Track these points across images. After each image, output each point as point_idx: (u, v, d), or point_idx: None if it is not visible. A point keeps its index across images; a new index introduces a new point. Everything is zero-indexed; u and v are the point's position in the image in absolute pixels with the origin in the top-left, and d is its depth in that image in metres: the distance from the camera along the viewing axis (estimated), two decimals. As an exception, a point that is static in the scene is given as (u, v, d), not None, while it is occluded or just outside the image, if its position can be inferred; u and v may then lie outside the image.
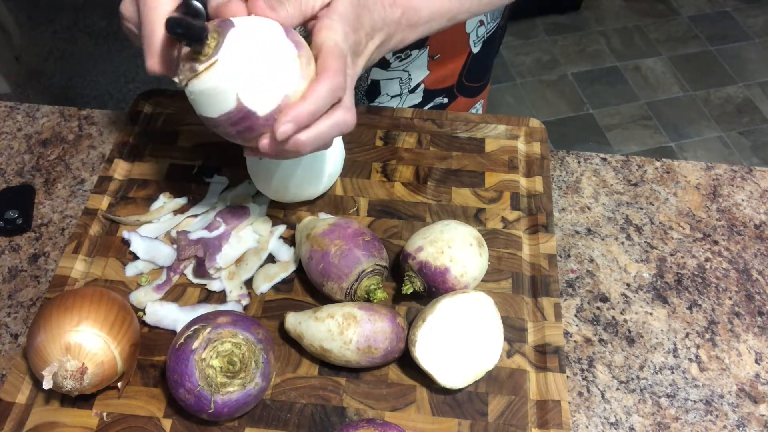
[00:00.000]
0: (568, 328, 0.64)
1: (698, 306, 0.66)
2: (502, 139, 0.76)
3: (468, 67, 0.85)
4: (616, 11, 2.54)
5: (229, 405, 0.51)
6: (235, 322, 0.53)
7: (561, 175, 0.76)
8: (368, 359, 0.55)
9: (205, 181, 0.71)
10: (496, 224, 0.68)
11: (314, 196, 0.68)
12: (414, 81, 0.82)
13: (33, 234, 0.70)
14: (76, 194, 0.74)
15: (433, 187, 0.71)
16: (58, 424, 0.55)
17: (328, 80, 0.48)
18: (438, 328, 0.55)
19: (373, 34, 0.54)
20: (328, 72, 0.49)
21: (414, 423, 0.55)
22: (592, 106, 2.22)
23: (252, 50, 0.48)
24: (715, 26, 2.47)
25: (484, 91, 0.94)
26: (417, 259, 0.59)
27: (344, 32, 0.50)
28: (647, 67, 2.33)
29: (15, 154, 0.77)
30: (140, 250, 0.65)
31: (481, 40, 0.83)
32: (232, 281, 0.63)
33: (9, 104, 0.83)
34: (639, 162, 0.78)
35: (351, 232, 0.60)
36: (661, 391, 0.60)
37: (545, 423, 0.55)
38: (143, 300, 0.62)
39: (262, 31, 0.49)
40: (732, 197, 0.75)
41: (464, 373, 0.55)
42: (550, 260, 0.65)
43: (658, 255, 0.70)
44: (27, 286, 0.66)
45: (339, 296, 0.59)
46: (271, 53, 0.48)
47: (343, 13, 0.50)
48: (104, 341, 0.52)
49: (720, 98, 2.24)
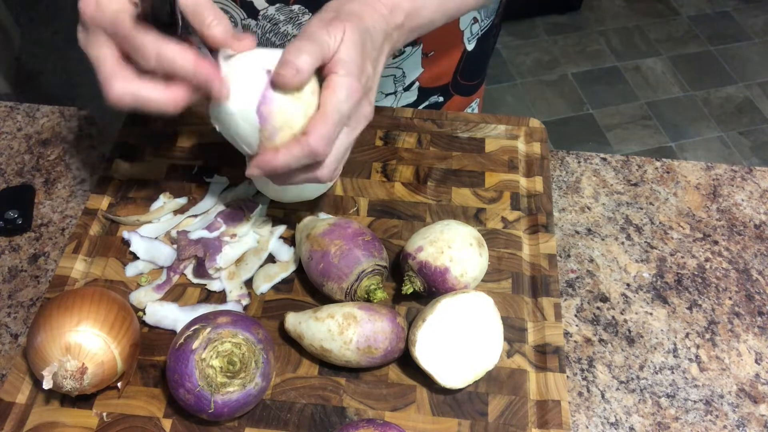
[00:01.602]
0: (568, 328, 0.64)
1: (698, 306, 0.66)
2: (502, 139, 0.76)
3: (463, 64, 0.85)
4: (616, 11, 2.54)
5: (229, 405, 0.51)
6: (235, 322, 0.53)
7: (561, 175, 0.76)
8: (368, 359, 0.55)
9: (205, 181, 0.71)
10: (496, 224, 0.68)
11: (314, 196, 0.68)
12: (408, 78, 0.82)
13: (33, 234, 0.70)
14: (76, 194, 0.74)
15: (433, 187, 0.71)
16: (58, 424, 0.55)
17: (304, 145, 0.50)
18: (438, 328, 0.55)
19: (379, 57, 0.55)
20: (310, 136, 0.50)
21: (414, 423, 0.55)
22: (592, 106, 2.22)
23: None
24: (715, 26, 2.47)
25: (479, 89, 0.94)
26: (417, 259, 0.59)
27: (348, 88, 0.50)
28: (647, 67, 2.33)
29: (15, 154, 0.77)
30: (140, 250, 0.65)
31: (476, 37, 0.83)
32: (232, 281, 0.63)
33: (9, 104, 0.83)
34: (639, 162, 0.78)
35: (351, 232, 0.60)
36: (661, 391, 0.60)
37: (545, 423, 0.55)
38: (143, 300, 0.62)
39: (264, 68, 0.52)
40: (732, 197, 0.75)
41: (464, 373, 0.55)
42: (550, 260, 0.65)
43: (658, 255, 0.70)
44: (27, 286, 0.66)
45: (339, 296, 0.59)
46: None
47: (348, 62, 0.50)
48: (104, 341, 0.52)
49: (720, 98, 2.24)
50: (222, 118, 0.53)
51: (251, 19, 0.71)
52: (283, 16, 0.70)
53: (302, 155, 0.50)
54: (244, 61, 0.52)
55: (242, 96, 0.51)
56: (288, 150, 0.50)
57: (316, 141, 0.50)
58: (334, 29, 0.50)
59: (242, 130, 0.53)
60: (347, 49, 0.51)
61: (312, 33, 0.50)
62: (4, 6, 2.19)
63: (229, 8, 0.70)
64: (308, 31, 0.50)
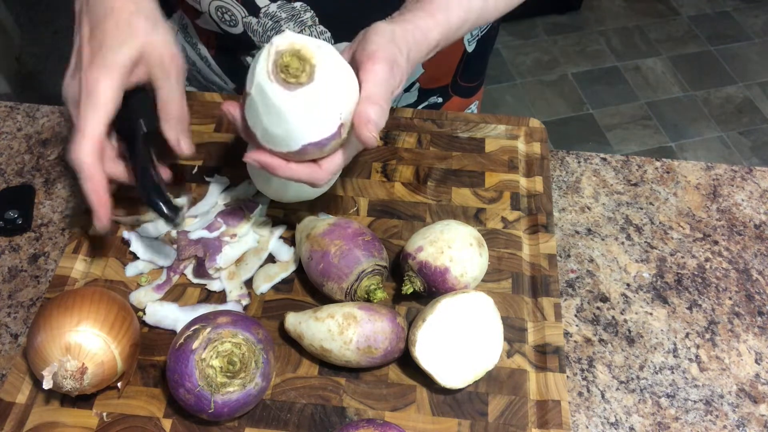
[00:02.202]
0: (568, 328, 0.64)
1: (698, 306, 0.66)
2: (502, 139, 0.76)
3: (463, 66, 0.85)
4: (616, 11, 2.54)
5: (229, 405, 0.51)
6: (235, 322, 0.53)
7: (561, 175, 0.76)
8: (368, 359, 0.55)
9: (206, 181, 0.71)
10: (496, 224, 0.68)
11: (314, 196, 0.67)
12: (410, 79, 0.82)
13: (33, 234, 0.70)
14: (76, 194, 0.74)
15: (433, 187, 0.71)
16: (58, 424, 0.55)
17: (312, 173, 0.54)
18: (438, 328, 0.55)
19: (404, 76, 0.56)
20: (322, 168, 0.54)
21: (414, 423, 0.55)
22: (592, 106, 2.21)
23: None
24: (715, 26, 2.47)
25: (478, 92, 0.94)
26: (417, 259, 0.59)
27: (371, 141, 0.52)
28: (647, 67, 2.33)
29: (15, 154, 0.77)
30: (140, 250, 0.65)
31: (476, 39, 0.83)
32: (232, 281, 0.63)
33: (9, 104, 0.83)
34: (639, 162, 0.78)
35: (351, 232, 0.60)
36: (661, 391, 0.60)
37: (545, 423, 0.55)
38: (143, 300, 0.62)
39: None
40: (732, 197, 0.75)
41: (464, 373, 0.55)
42: (550, 260, 0.65)
43: (658, 255, 0.70)
44: (27, 286, 0.66)
45: (339, 296, 0.59)
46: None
47: (383, 112, 0.52)
48: (104, 341, 0.52)
49: (720, 98, 2.24)
50: (269, 106, 0.50)
51: (252, 17, 0.71)
52: (285, 13, 0.70)
53: (306, 177, 0.54)
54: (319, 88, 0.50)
55: (304, 125, 0.50)
56: (297, 169, 0.53)
57: (323, 174, 0.54)
58: (399, 76, 0.53)
59: (276, 135, 0.51)
60: (389, 100, 0.53)
61: (384, 82, 0.52)
62: (4, 6, 2.19)
63: (231, 6, 0.70)
64: (381, 79, 0.51)
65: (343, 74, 0.51)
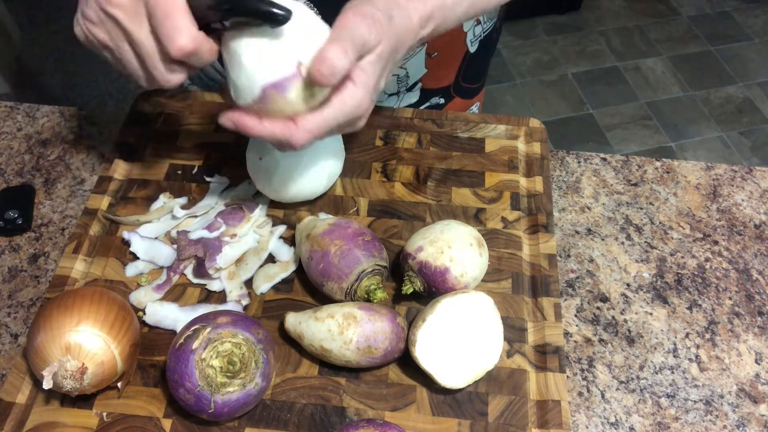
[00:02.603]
0: (568, 328, 0.64)
1: (698, 306, 0.66)
2: (502, 139, 0.76)
3: (465, 66, 0.85)
4: (616, 11, 2.54)
5: (229, 405, 0.51)
6: (235, 322, 0.53)
7: (561, 175, 0.76)
8: (368, 359, 0.55)
9: (206, 180, 0.71)
10: (496, 224, 0.68)
11: (314, 196, 0.68)
12: (412, 79, 0.82)
13: (33, 234, 0.70)
14: (76, 194, 0.74)
15: (433, 187, 0.71)
16: (58, 424, 0.55)
17: (287, 131, 0.50)
18: (438, 328, 0.55)
19: (393, 69, 0.54)
20: (298, 127, 0.51)
21: (414, 423, 0.55)
22: (592, 106, 2.22)
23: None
24: (715, 26, 2.47)
25: (480, 93, 0.94)
26: (417, 259, 0.59)
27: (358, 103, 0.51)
28: (647, 67, 2.33)
29: (15, 154, 0.77)
30: (140, 250, 0.65)
31: (478, 39, 0.83)
32: (232, 281, 0.63)
33: (9, 104, 0.83)
34: (639, 162, 0.78)
35: (351, 232, 0.60)
36: (661, 391, 0.60)
37: (545, 423, 0.55)
38: (143, 300, 0.62)
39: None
40: (732, 197, 0.75)
41: (464, 373, 0.55)
42: (550, 260, 0.65)
43: (658, 255, 0.70)
44: (27, 286, 0.66)
45: (339, 296, 0.59)
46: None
47: (368, 76, 0.50)
48: (104, 341, 0.52)
49: (720, 98, 2.24)
50: (231, 56, 0.51)
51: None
52: None
53: (281, 137, 0.51)
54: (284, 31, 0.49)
55: (259, 66, 0.50)
56: (271, 126, 0.51)
57: (300, 135, 0.50)
58: (375, 32, 0.49)
59: (240, 86, 0.51)
60: (372, 63, 0.50)
61: (353, 29, 0.48)
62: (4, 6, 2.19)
63: None
64: (349, 26, 0.48)
65: (303, 19, 0.50)
